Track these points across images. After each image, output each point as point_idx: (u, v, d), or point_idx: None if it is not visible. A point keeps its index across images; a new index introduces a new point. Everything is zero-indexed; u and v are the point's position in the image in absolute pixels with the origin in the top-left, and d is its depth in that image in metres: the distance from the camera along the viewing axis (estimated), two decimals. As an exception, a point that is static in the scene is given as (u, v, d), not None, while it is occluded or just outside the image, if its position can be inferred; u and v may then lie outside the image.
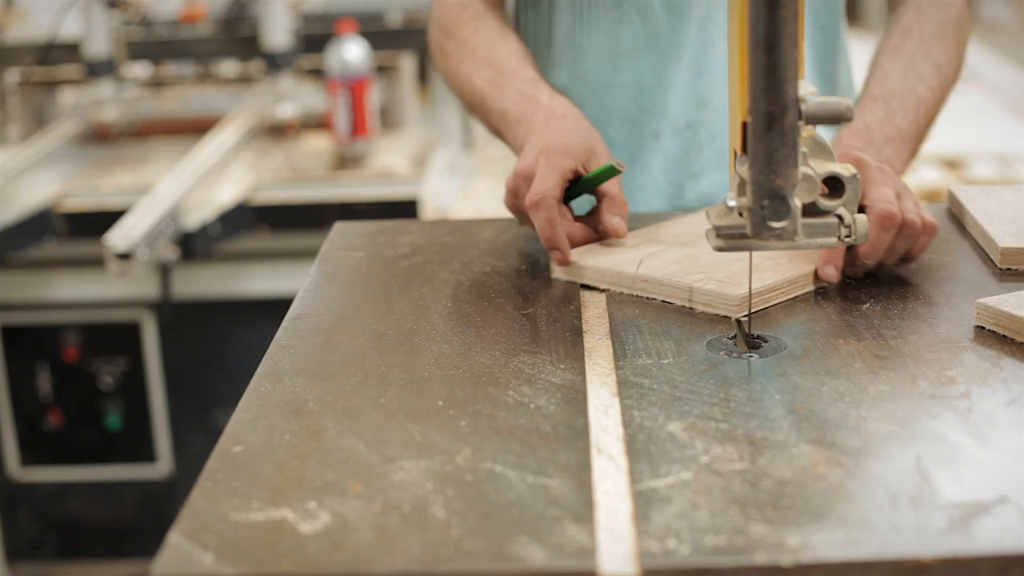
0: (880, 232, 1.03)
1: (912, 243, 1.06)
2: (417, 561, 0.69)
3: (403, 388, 0.90)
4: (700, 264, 1.06)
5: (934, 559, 0.68)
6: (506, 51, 1.31)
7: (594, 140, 1.16)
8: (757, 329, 0.98)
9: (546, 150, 1.11)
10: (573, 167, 1.11)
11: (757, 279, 1.00)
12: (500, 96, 1.26)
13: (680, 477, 0.76)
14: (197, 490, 0.78)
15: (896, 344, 0.94)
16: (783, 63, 0.80)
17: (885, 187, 1.05)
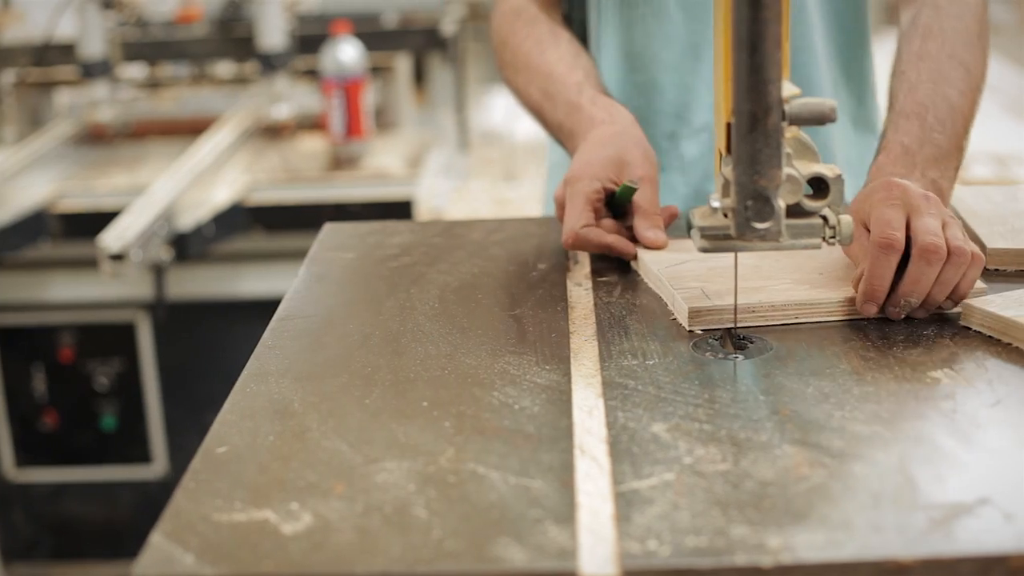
0: (924, 267, 0.95)
1: (960, 275, 0.97)
2: (398, 562, 0.69)
3: (388, 389, 0.90)
4: (722, 276, 1.02)
5: (915, 560, 0.68)
6: (555, 55, 1.30)
7: (626, 148, 1.15)
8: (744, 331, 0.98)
9: (570, 178, 1.12)
10: (598, 187, 1.11)
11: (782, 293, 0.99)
12: (553, 108, 1.27)
13: (663, 478, 0.76)
14: (180, 491, 0.78)
15: (881, 345, 0.94)
16: (766, 64, 0.80)
17: (929, 217, 0.97)
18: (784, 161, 0.83)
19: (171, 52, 2.66)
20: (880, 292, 0.97)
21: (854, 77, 1.40)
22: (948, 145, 1.13)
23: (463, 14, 2.83)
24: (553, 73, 1.28)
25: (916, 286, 0.96)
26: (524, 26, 1.35)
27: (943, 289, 0.97)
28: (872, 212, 0.99)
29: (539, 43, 1.32)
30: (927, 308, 0.98)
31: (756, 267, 1.05)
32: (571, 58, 1.29)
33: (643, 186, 1.12)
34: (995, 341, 0.94)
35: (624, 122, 1.19)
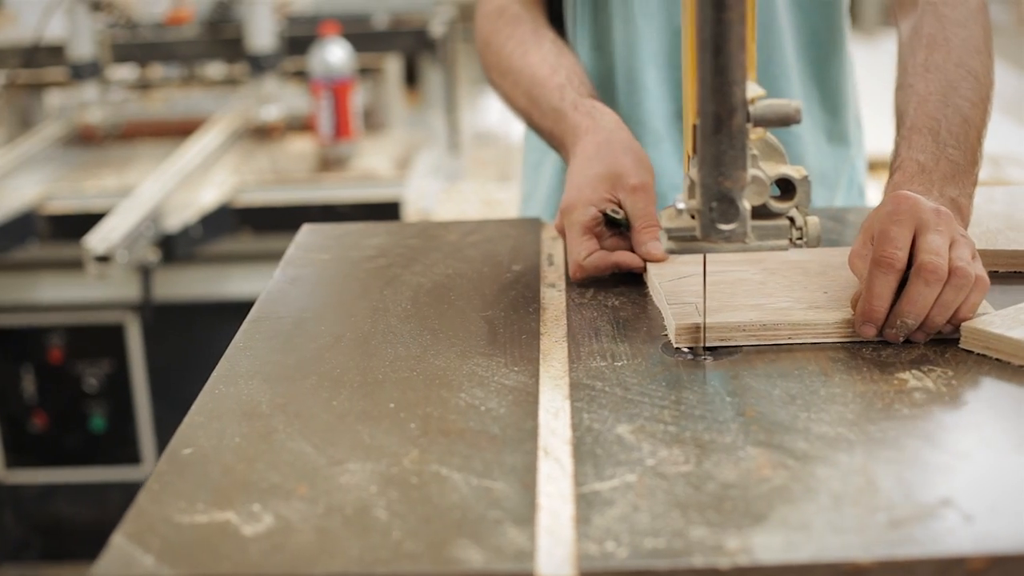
0: (922, 287, 0.91)
1: (963, 298, 0.92)
2: (356, 563, 0.69)
3: (356, 391, 0.90)
4: (719, 291, 1.00)
5: (872, 562, 0.68)
6: (538, 57, 1.27)
7: (615, 159, 1.11)
8: None
9: (565, 208, 1.10)
10: (593, 213, 1.08)
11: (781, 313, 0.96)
12: (540, 115, 1.24)
13: (624, 480, 0.76)
14: (143, 492, 0.78)
15: (851, 346, 0.94)
16: (730, 65, 0.80)
17: (936, 234, 0.93)
18: (749, 162, 0.83)
19: (161, 53, 2.66)
20: (878, 313, 0.92)
21: (828, 90, 1.39)
22: (964, 160, 1.08)
23: (453, 15, 2.83)
24: (536, 77, 1.25)
25: (913, 307, 0.91)
26: (506, 26, 1.33)
27: (942, 312, 0.92)
28: (877, 227, 0.95)
29: (521, 44, 1.30)
30: (926, 331, 0.93)
31: (762, 284, 1.02)
32: (554, 59, 1.26)
33: (637, 196, 1.08)
34: (959, 342, 0.94)
35: (608, 127, 1.16)
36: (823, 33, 1.36)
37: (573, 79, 1.24)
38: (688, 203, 0.86)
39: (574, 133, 1.16)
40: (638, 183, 1.08)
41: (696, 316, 0.95)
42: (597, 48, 1.35)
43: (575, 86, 1.22)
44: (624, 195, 1.08)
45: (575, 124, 1.17)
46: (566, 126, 1.18)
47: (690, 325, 0.95)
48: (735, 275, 1.04)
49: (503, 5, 1.35)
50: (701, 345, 0.94)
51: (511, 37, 1.31)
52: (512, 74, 1.29)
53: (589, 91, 1.23)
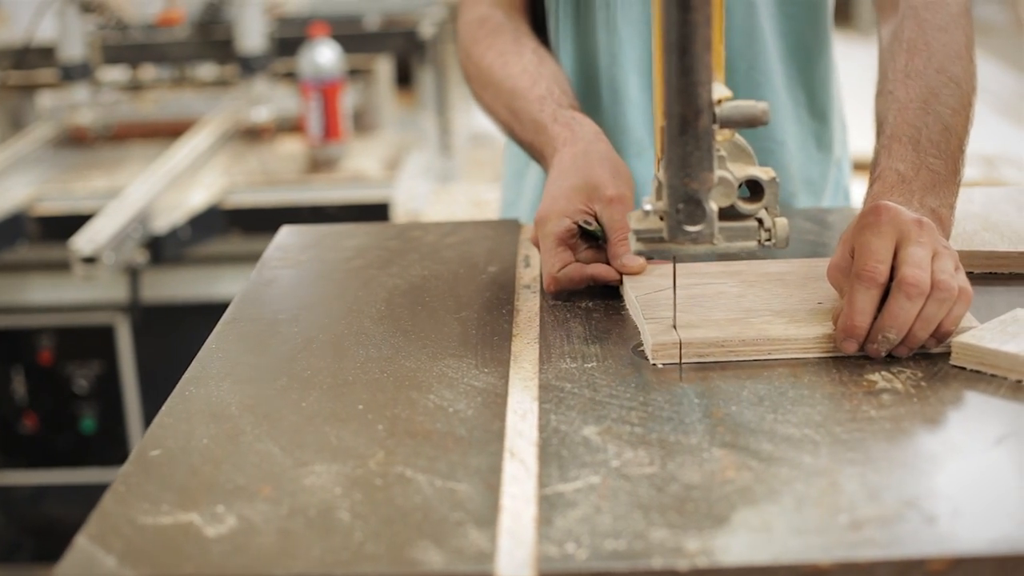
0: (904, 301, 0.89)
1: (946, 312, 0.91)
2: (317, 564, 0.69)
3: (326, 392, 0.90)
4: (694, 304, 0.99)
5: (832, 563, 0.68)
6: (518, 68, 1.25)
7: (592, 170, 1.09)
8: None
9: (539, 220, 1.08)
10: (567, 224, 1.06)
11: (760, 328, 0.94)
12: (521, 127, 1.23)
13: (588, 481, 0.76)
14: (109, 493, 0.78)
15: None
16: (696, 66, 0.80)
17: (918, 246, 0.91)
18: (716, 164, 0.83)
19: (151, 55, 2.66)
20: (860, 329, 0.90)
21: (813, 96, 1.37)
22: (945, 170, 1.06)
23: (443, 16, 2.83)
24: (516, 89, 1.23)
25: (895, 321, 0.89)
26: (487, 36, 1.31)
27: (925, 326, 0.90)
28: (858, 239, 0.93)
29: (502, 55, 1.28)
30: (909, 346, 0.91)
31: (740, 297, 1.00)
32: (534, 69, 1.24)
33: (614, 208, 1.06)
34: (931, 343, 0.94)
35: (587, 138, 1.14)
36: (808, 39, 1.34)
37: (554, 90, 1.22)
38: (655, 205, 0.86)
39: (553, 145, 1.15)
40: (615, 195, 1.06)
41: (674, 334, 0.93)
42: (580, 57, 1.35)
43: (556, 97, 1.21)
44: (601, 207, 1.07)
45: (554, 136, 1.16)
46: (545, 138, 1.17)
47: (667, 343, 0.92)
48: (714, 288, 1.02)
49: (485, 14, 1.34)
50: (678, 362, 0.92)
51: (491, 47, 1.29)
52: (493, 86, 1.27)
53: (570, 101, 1.21)
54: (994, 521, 0.71)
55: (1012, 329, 0.91)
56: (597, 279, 1.06)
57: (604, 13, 1.32)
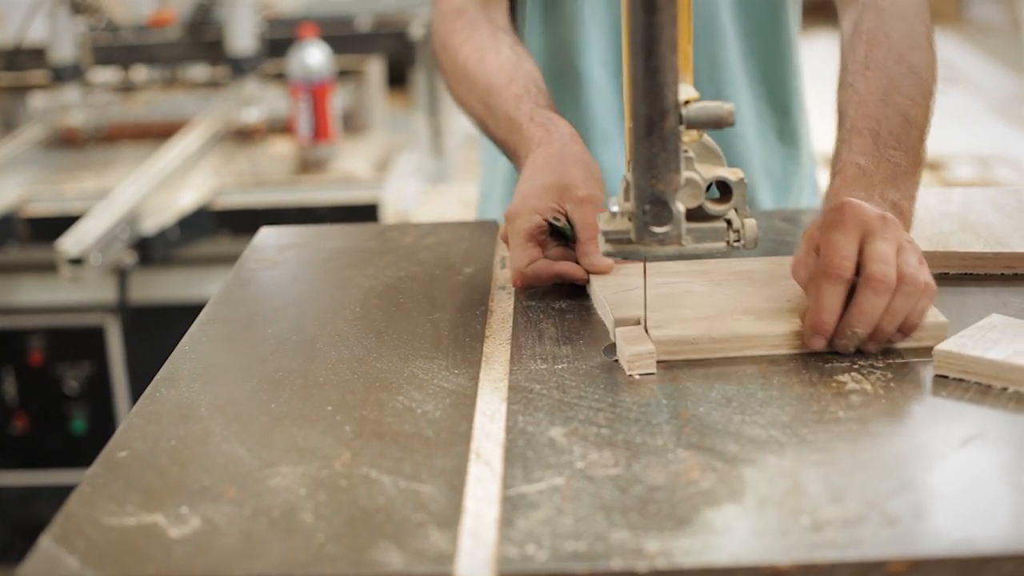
0: (872, 296, 0.90)
1: (912, 305, 0.92)
2: (277, 565, 0.69)
3: (295, 393, 0.90)
4: (665, 303, 0.98)
5: (792, 565, 0.68)
6: (495, 64, 1.24)
7: (565, 170, 1.09)
8: None
9: (510, 215, 1.08)
10: (537, 221, 1.06)
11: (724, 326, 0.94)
12: (495, 123, 1.22)
13: (551, 483, 0.76)
14: (74, 494, 0.78)
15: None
16: (662, 68, 0.80)
17: (883, 241, 0.92)
18: (683, 165, 0.83)
19: (142, 56, 2.66)
20: (828, 325, 0.91)
21: (775, 91, 1.38)
22: (905, 162, 1.06)
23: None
24: (492, 85, 1.22)
25: (864, 317, 0.90)
26: (464, 28, 1.30)
27: (893, 320, 0.91)
28: (823, 237, 0.94)
29: (478, 49, 1.27)
30: (877, 341, 0.92)
31: (708, 295, 1.00)
32: (511, 67, 1.23)
33: (584, 208, 1.05)
34: (904, 346, 0.93)
35: (562, 139, 1.13)
36: (768, 35, 1.36)
37: (531, 88, 1.21)
38: (623, 206, 0.86)
39: (527, 144, 1.15)
40: (586, 195, 1.06)
41: (649, 343, 0.92)
42: (548, 47, 1.35)
43: (532, 96, 1.20)
44: (572, 206, 1.06)
45: (529, 135, 1.15)
46: (520, 137, 1.17)
47: (643, 353, 0.91)
48: (682, 287, 1.02)
49: (461, 6, 1.33)
50: (652, 372, 0.91)
51: (468, 40, 1.28)
52: (468, 79, 1.26)
53: (546, 101, 1.21)
54: (956, 522, 0.71)
55: (992, 336, 0.91)
56: (564, 277, 1.06)
57: (571, 6, 1.33)
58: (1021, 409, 0.84)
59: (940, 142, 3.89)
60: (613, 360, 0.93)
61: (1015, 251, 1.07)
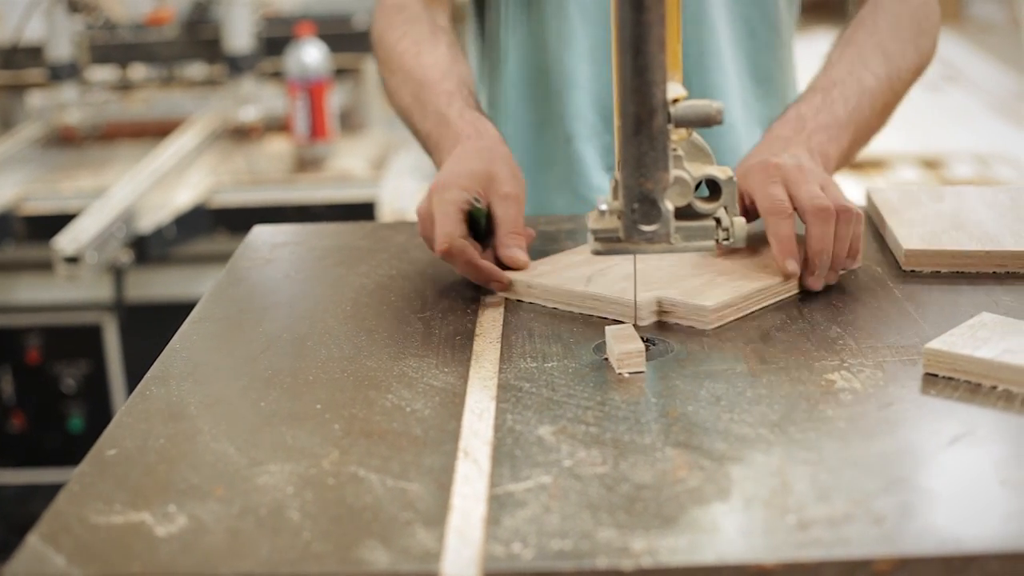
0: (822, 224, 1.01)
1: (852, 230, 1.03)
2: (264, 564, 0.69)
3: (285, 392, 0.90)
4: (651, 279, 1.01)
5: (777, 564, 0.68)
6: (431, 60, 1.26)
7: (495, 163, 1.09)
8: None
9: (437, 187, 1.07)
10: (466, 198, 1.05)
11: (723, 291, 0.99)
12: (422, 116, 1.23)
13: (539, 481, 0.76)
14: (63, 493, 0.78)
15: (782, 347, 0.94)
16: (650, 66, 0.80)
17: (809, 184, 1.03)
18: (671, 163, 0.83)
19: (139, 54, 2.66)
20: (792, 248, 1.01)
21: (765, 81, 1.40)
22: (846, 118, 1.15)
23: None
24: (425, 79, 1.23)
25: (821, 243, 1.00)
26: (403, 23, 1.31)
27: (843, 245, 1.02)
28: (756, 192, 1.04)
29: (416, 44, 1.28)
30: (835, 269, 1.03)
31: (673, 270, 1.04)
32: (446, 65, 1.25)
33: (508, 203, 1.07)
34: (894, 344, 0.93)
35: (492, 139, 1.15)
36: (759, 26, 1.38)
37: (463, 89, 1.23)
38: (612, 204, 0.86)
39: (455, 138, 1.15)
40: (511, 191, 1.07)
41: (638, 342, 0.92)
42: (530, 42, 1.36)
43: (464, 96, 1.21)
44: (496, 200, 1.06)
45: (458, 131, 1.16)
46: (447, 131, 1.17)
47: (632, 351, 0.91)
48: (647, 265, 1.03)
49: (404, 3, 1.33)
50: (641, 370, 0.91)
51: (407, 35, 1.29)
52: (403, 72, 1.27)
53: (476, 104, 1.22)
54: (943, 521, 0.71)
55: (982, 334, 0.90)
56: (482, 274, 1.04)
57: (557, 1, 1.33)
58: (1010, 407, 0.84)
59: (939, 140, 3.89)
60: (603, 359, 0.93)
61: (1007, 249, 1.07)
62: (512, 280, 1.05)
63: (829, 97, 1.17)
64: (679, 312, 0.98)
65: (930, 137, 3.96)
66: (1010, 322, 0.92)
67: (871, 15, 1.26)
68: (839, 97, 1.17)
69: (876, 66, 1.20)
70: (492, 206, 1.07)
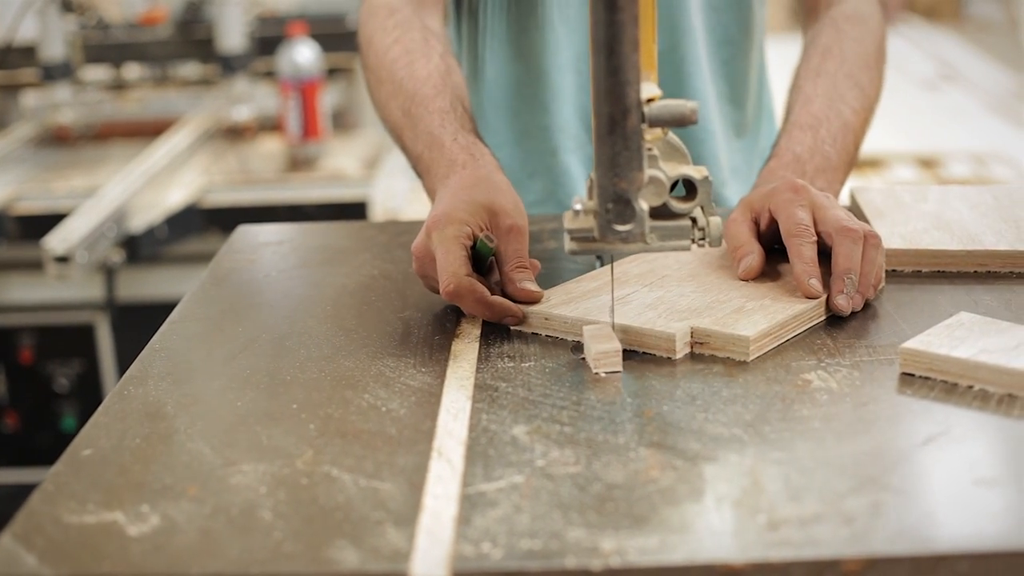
0: (850, 244, 0.98)
1: (877, 256, 1.00)
2: (234, 564, 0.69)
3: (262, 392, 0.90)
4: (677, 308, 0.97)
5: (746, 564, 0.68)
6: (424, 72, 1.18)
7: (495, 194, 1.03)
8: None
9: (435, 222, 1.00)
10: (468, 232, 0.99)
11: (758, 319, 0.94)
12: (413, 134, 1.16)
13: (511, 481, 0.76)
14: (37, 492, 0.78)
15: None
16: (624, 66, 0.80)
17: (835, 209, 1.02)
18: (646, 163, 0.83)
19: (132, 54, 2.67)
20: (815, 268, 0.98)
21: (739, 87, 1.40)
22: (837, 159, 1.15)
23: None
24: (418, 94, 1.16)
25: (850, 262, 0.98)
26: (395, 28, 1.23)
27: (871, 268, 0.99)
28: (780, 212, 1.03)
29: (408, 52, 1.20)
30: (863, 292, 0.99)
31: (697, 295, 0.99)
32: (439, 78, 1.18)
33: (512, 236, 1.01)
34: (873, 344, 0.93)
35: (489, 166, 1.08)
36: (735, 32, 1.38)
37: (457, 106, 1.16)
38: (587, 204, 0.85)
39: (449, 165, 1.09)
40: (515, 224, 1.01)
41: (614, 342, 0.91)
42: (514, 54, 1.35)
43: (458, 115, 1.15)
44: (501, 233, 1.01)
45: (452, 157, 1.10)
46: (440, 156, 1.11)
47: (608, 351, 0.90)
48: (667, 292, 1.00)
49: (394, 3, 1.26)
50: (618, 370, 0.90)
51: (398, 41, 1.22)
52: (392, 83, 1.20)
53: (471, 125, 1.16)
54: (913, 521, 0.71)
55: (959, 334, 0.90)
56: (495, 311, 0.99)
57: (540, 11, 1.32)
58: (985, 407, 0.84)
59: (936, 139, 3.89)
60: (580, 358, 0.93)
61: (987, 249, 1.07)
62: (526, 313, 0.99)
63: (818, 136, 1.16)
64: (714, 343, 0.92)
65: (927, 136, 3.96)
66: (988, 322, 0.92)
67: (836, 42, 1.24)
68: (827, 136, 1.16)
69: (852, 99, 1.20)
70: (496, 240, 1.01)
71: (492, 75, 1.36)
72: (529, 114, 1.21)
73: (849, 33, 1.25)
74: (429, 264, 1.01)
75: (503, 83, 1.36)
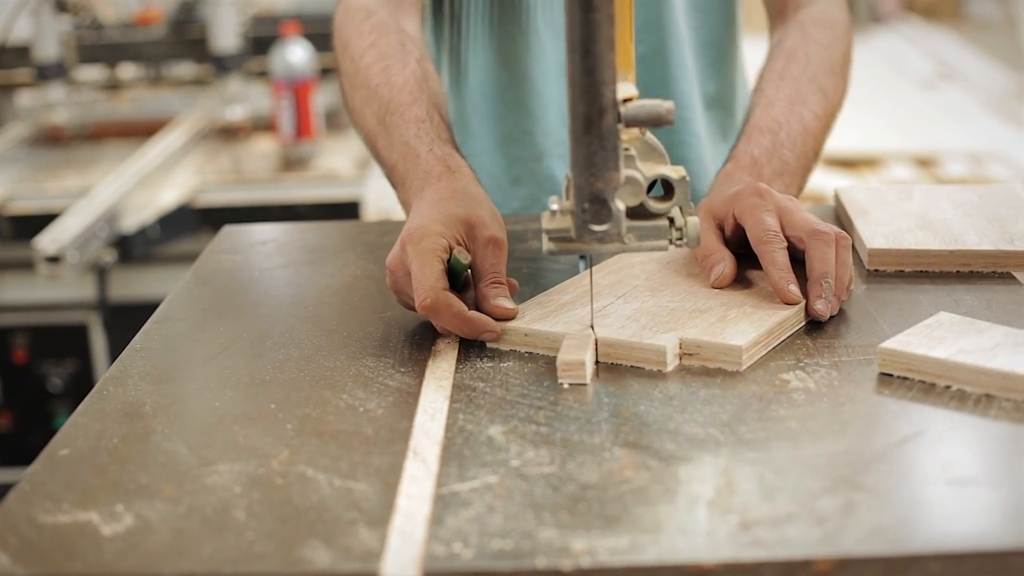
0: (823, 247, 0.98)
1: (848, 257, 1.00)
2: (206, 563, 0.69)
3: (240, 391, 0.90)
4: (661, 319, 0.95)
5: (717, 564, 0.68)
6: (400, 78, 1.15)
7: (472, 206, 1.00)
8: None
9: (411, 236, 0.97)
10: (444, 246, 0.96)
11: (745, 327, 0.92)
12: (388, 144, 1.13)
13: (485, 481, 0.76)
14: (13, 492, 0.78)
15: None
16: (599, 66, 0.80)
17: (801, 212, 1.02)
18: (622, 163, 0.83)
19: (126, 54, 2.67)
20: (790, 275, 0.97)
21: (721, 88, 1.40)
22: (795, 164, 1.14)
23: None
24: (393, 102, 1.13)
25: (826, 265, 0.97)
26: (371, 32, 1.20)
27: (844, 270, 0.99)
28: (747, 218, 1.02)
29: (384, 58, 1.17)
30: (838, 294, 0.98)
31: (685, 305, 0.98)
32: (415, 85, 1.14)
33: (489, 250, 0.98)
34: (852, 344, 0.93)
35: (467, 179, 1.06)
36: (721, 34, 1.37)
37: (433, 115, 1.13)
38: (564, 204, 0.86)
39: (425, 177, 1.06)
40: (493, 236, 0.98)
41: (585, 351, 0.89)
42: (498, 58, 1.34)
43: (435, 124, 1.12)
44: (478, 247, 0.98)
45: (427, 169, 1.07)
46: (415, 167, 1.08)
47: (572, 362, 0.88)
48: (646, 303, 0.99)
49: (371, 6, 1.23)
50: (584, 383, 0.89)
51: (374, 46, 1.19)
52: (367, 89, 1.16)
53: (448, 135, 1.13)
54: (885, 521, 0.71)
55: (938, 334, 0.90)
56: (472, 328, 0.95)
57: (524, 16, 1.32)
58: (963, 407, 0.84)
59: (934, 139, 3.88)
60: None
61: (970, 248, 1.07)
62: (505, 329, 0.96)
63: (777, 140, 1.14)
64: (704, 354, 0.90)
65: (924, 135, 3.95)
66: (967, 322, 0.92)
67: (802, 45, 1.23)
68: (786, 140, 1.14)
69: (814, 104, 1.19)
70: (473, 254, 0.98)
71: (475, 80, 1.36)
72: (513, 119, 1.20)
73: (816, 37, 1.24)
74: (404, 279, 0.98)
75: (487, 89, 1.35)
